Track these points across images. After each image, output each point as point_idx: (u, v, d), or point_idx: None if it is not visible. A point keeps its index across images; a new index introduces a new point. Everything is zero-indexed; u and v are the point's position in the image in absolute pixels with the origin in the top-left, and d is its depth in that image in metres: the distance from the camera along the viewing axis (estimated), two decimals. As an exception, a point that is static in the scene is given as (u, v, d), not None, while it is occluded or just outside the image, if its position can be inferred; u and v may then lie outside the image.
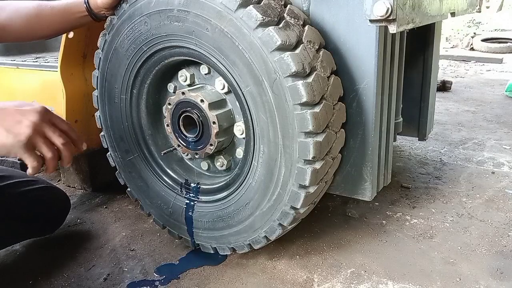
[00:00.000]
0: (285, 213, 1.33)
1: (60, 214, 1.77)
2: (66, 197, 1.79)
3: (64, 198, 1.78)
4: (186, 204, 1.56)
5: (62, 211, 1.78)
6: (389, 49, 1.40)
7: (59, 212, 1.76)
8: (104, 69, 1.55)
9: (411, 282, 1.42)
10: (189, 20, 1.28)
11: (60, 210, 1.76)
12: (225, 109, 1.45)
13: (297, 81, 1.17)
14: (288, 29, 1.21)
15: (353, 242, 1.66)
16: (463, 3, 1.70)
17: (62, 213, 1.78)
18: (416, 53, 1.95)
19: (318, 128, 1.21)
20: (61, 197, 1.76)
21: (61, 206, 1.76)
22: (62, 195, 1.78)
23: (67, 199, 1.80)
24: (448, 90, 4.19)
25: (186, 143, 1.52)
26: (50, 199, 1.70)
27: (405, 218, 1.82)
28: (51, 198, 1.70)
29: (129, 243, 1.71)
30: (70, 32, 1.67)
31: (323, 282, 1.43)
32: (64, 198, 1.78)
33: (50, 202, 1.69)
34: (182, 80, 1.53)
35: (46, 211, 1.68)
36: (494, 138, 2.82)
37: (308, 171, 1.24)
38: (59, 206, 1.75)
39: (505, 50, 6.77)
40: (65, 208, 1.78)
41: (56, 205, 1.73)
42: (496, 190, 2.05)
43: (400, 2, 1.04)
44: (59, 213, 1.76)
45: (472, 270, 1.47)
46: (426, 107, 2.03)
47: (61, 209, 1.77)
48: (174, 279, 1.47)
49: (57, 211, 1.75)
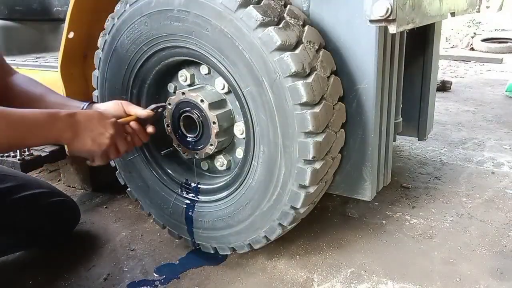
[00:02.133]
0: (285, 213, 1.33)
1: (69, 227, 1.76)
2: (76, 208, 1.77)
3: (75, 210, 1.76)
4: (186, 204, 1.56)
5: (71, 223, 1.76)
6: (389, 49, 1.40)
7: (68, 225, 1.75)
8: (104, 69, 1.55)
9: (411, 282, 1.42)
10: (189, 20, 1.28)
11: (69, 222, 1.75)
12: (225, 109, 1.45)
13: (297, 81, 1.18)
14: (288, 29, 1.21)
15: (353, 242, 1.66)
16: (463, 3, 1.70)
17: (71, 225, 1.76)
18: (416, 53, 1.95)
19: (318, 128, 1.21)
20: (71, 208, 1.75)
21: (71, 219, 1.75)
22: (73, 207, 1.76)
23: (77, 211, 1.78)
24: (448, 90, 4.20)
25: (186, 143, 1.52)
26: (60, 212, 1.69)
27: (405, 218, 1.82)
28: (61, 211, 1.69)
29: (129, 243, 1.71)
30: (70, 33, 1.67)
31: (323, 282, 1.44)
32: (75, 210, 1.76)
33: (59, 215, 1.68)
34: (182, 80, 1.53)
35: (55, 223, 1.67)
36: (494, 138, 2.82)
37: (308, 171, 1.24)
38: (69, 218, 1.74)
39: (505, 50, 6.78)
40: (75, 220, 1.77)
41: (65, 217, 1.72)
42: (496, 190, 2.05)
43: (400, 2, 1.04)
44: (68, 225, 1.75)
45: (472, 270, 1.47)
46: (426, 107, 2.03)
47: (71, 222, 1.76)
48: (174, 279, 1.48)
49: (66, 224, 1.74)
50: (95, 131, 1.16)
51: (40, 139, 1.11)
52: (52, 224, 1.65)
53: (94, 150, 1.17)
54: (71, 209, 1.75)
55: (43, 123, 1.08)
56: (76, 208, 1.77)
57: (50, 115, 1.10)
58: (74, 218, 1.77)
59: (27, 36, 2.27)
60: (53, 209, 1.64)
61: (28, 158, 1.75)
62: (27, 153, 1.77)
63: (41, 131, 1.08)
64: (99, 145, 1.17)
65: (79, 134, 1.13)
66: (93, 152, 1.18)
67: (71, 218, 1.75)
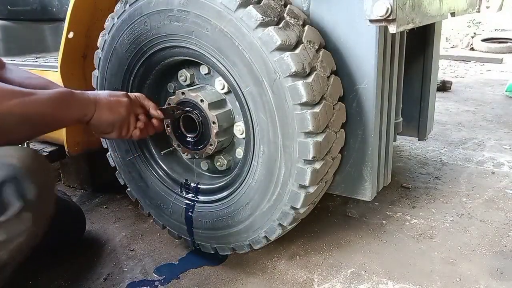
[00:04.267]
0: (285, 213, 1.33)
1: (75, 238, 1.74)
2: (82, 217, 1.76)
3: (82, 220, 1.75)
4: (186, 204, 1.56)
5: (78, 235, 1.75)
6: (389, 49, 1.40)
7: (74, 236, 1.74)
8: (104, 69, 1.55)
9: (411, 282, 1.42)
10: (189, 20, 1.28)
11: (75, 233, 1.74)
12: (225, 109, 1.45)
13: (297, 81, 1.17)
14: (288, 29, 1.21)
15: (353, 242, 1.66)
16: (463, 3, 1.69)
17: (77, 237, 1.75)
18: (416, 53, 1.95)
19: (318, 128, 1.21)
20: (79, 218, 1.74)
21: (77, 230, 1.74)
22: (81, 217, 1.75)
23: (83, 220, 1.76)
24: (448, 90, 4.19)
25: (186, 143, 1.52)
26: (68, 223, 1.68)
27: (405, 218, 1.82)
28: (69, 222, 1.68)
29: (129, 243, 1.71)
30: (70, 33, 1.67)
31: (323, 282, 1.43)
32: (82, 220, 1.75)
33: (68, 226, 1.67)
34: (182, 80, 1.53)
35: (62, 234, 1.65)
36: (494, 138, 2.82)
37: (308, 171, 1.24)
38: (76, 229, 1.73)
39: (505, 50, 6.77)
40: (81, 231, 1.76)
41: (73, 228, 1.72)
42: (496, 190, 2.05)
43: (400, 2, 1.04)
44: (74, 236, 1.74)
45: (472, 270, 1.47)
46: (426, 107, 2.02)
47: (77, 233, 1.74)
48: (174, 279, 1.48)
49: (73, 235, 1.73)
50: (112, 100, 1.20)
51: (68, 117, 1.11)
52: (60, 234, 1.63)
53: (113, 120, 1.20)
54: (79, 219, 1.73)
55: (68, 100, 1.09)
56: (83, 218, 1.76)
57: (68, 93, 1.11)
58: (81, 229, 1.75)
59: (27, 36, 2.27)
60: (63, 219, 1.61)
61: (28, 158, 1.75)
62: (27, 153, 1.76)
63: (67, 109, 1.09)
64: (117, 113, 1.20)
65: (99, 105, 1.16)
66: (112, 123, 1.20)
67: (78, 228, 1.74)
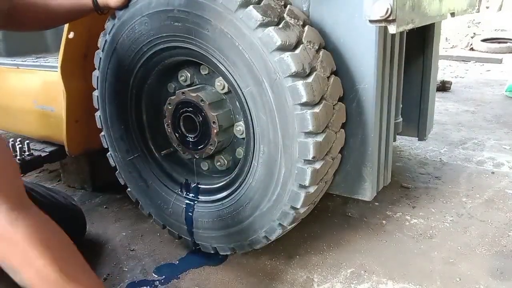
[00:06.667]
0: (285, 213, 1.33)
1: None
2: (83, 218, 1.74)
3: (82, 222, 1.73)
4: (186, 204, 1.56)
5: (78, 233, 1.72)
6: (388, 50, 1.40)
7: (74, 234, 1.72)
8: (105, 69, 1.55)
9: (411, 282, 1.42)
10: (189, 21, 1.28)
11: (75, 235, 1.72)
12: (225, 109, 1.45)
13: (297, 81, 1.18)
14: (288, 29, 1.21)
15: (353, 242, 1.66)
16: (462, 3, 1.70)
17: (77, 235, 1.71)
18: (416, 53, 1.95)
19: (318, 128, 1.21)
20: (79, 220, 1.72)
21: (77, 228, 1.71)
22: (81, 218, 1.73)
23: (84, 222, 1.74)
24: (447, 90, 4.20)
25: (186, 143, 1.52)
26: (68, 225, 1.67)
27: (405, 218, 1.82)
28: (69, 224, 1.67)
29: (129, 243, 1.71)
30: (71, 33, 1.67)
31: (323, 282, 1.44)
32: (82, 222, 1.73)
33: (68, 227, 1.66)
34: (182, 80, 1.53)
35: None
36: (494, 138, 2.82)
37: (308, 171, 1.24)
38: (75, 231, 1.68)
39: (505, 50, 6.77)
40: (82, 233, 1.73)
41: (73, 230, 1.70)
42: (496, 190, 2.05)
43: (400, 3, 1.04)
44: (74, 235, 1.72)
45: (472, 270, 1.47)
46: (426, 107, 2.03)
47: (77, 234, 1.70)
48: (174, 279, 1.48)
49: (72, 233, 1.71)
50: None
51: None
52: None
53: None
54: (79, 221, 1.72)
55: None
56: (83, 220, 1.74)
57: None
58: (80, 231, 1.73)
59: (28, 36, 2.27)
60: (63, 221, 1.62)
61: (28, 158, 1.75)
62: (27, 153, 1.76)
63: None
64: None
65: None
66: None
67: (78, 230, 1.72)
